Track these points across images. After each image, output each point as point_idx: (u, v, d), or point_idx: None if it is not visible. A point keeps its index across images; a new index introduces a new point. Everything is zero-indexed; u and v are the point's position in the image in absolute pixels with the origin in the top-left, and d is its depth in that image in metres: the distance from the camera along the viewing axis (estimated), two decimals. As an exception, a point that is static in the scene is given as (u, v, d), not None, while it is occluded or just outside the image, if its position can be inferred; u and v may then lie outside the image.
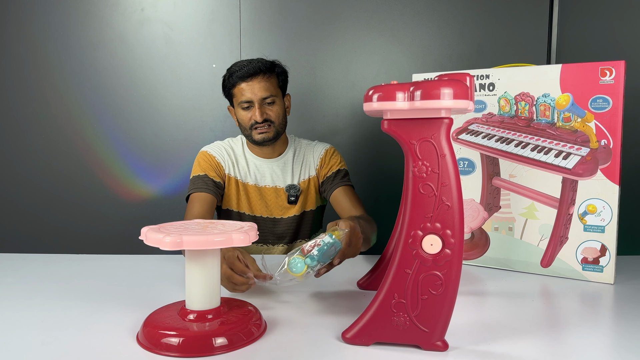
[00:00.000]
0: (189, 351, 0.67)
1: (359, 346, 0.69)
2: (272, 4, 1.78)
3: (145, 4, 1.80)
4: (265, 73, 1.32)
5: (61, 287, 0.97)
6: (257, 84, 1.30)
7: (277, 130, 1.35)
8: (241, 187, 1.40)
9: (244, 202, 1.40)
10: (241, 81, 1.31)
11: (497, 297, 0.93)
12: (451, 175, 0.65)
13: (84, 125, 1.84)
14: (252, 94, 1.30)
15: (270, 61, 1.35)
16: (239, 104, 1.33)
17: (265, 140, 1.34)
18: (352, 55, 1.79)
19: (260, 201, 1.40)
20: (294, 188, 1.39)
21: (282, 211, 1.40)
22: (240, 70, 1.30)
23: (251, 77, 1.30)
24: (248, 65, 1.31)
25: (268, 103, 1.33)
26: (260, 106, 1.31)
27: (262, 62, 1.33)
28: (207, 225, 0.78)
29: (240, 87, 1.31)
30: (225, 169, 1.39)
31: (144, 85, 1.82)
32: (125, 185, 1.85)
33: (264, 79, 1.31)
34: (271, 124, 1.33)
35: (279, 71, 1.37)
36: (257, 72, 1.30)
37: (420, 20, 1.76)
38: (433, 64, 1.77)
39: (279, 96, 1.36)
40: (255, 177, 1.40)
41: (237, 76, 1.31)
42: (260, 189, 1.40)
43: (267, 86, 1.32)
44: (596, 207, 1.02)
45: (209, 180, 1.34)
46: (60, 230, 1.86)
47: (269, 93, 1.32)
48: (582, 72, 1.01)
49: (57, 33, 1.80)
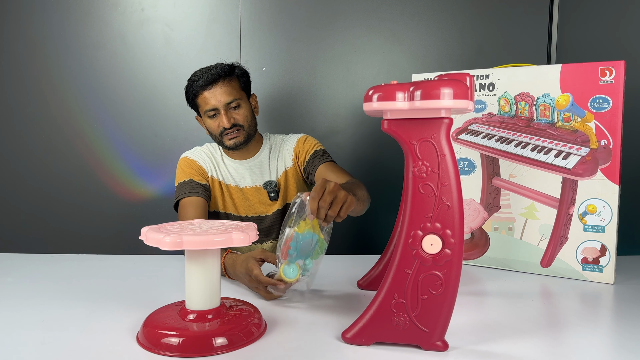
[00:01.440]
0: (189, 351, 0.67)
1: (359, 346, 0.69)
2: (272, 4, 1.78)
3: (145, 4, 1.80)
4: (225, 78, 1.31)
5: (61, 287, 0.97)
6: (219, 90, 1.29)
7: (247, 133, 1.34)
8: (224, 188, 1.40)
9: (229, 203, 1.40)
10: (203, 90, 1.30)
11: (497, 297, 0.93)
12: (451, 175, 0.65)
13: (84, 125, 1.84)
14: (216, 101, 1.29)
15: (228, 65, 1.34)
16: (205, 113, 1.32)
17: (237, 145, 1.34)
18: (352, 55, 1.79)
19: (244, 201, 1.40)
20: (270, 184, 1.40)
21: (265, 208, 1.41)
22: (200, 79, 1.30)
23: (212, 84, 1.29)
24: (207, 73, 1.30)
25: (233, 107, 1.32)
26: (226, 112, 1.30)
27: (220, 67, 1.32)
28: (207, 225, 0.78)
29: (203, 96, 1.31)
30: (208, 172, 1.39)
31: (144, 85, 1.82)
32: (125, 185, 1.85)
33: (225, 83, 1.30)
34: (240, 127, 1.32)
35: (238, 73, 1.35)
36: (217, 78, 1.29)
37: (420, 20, 1.76)
38: (433, 64, 1.76)
39: (243, 98, 1.34)
40: (235, 179, 1.40)
41: (198, 85, 1.30)
42: (242, 190, 1.40)
43: (230, 90, 1.30)
44: (596, 207, 1.02)
45: (196, 184, 1.33)
46: (60, 230, 1.86)
47: (232, 97, 1.30)
48: (582, 72, 1.01)
49: (57, 33, 1.80)
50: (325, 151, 1.41)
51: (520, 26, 1.73)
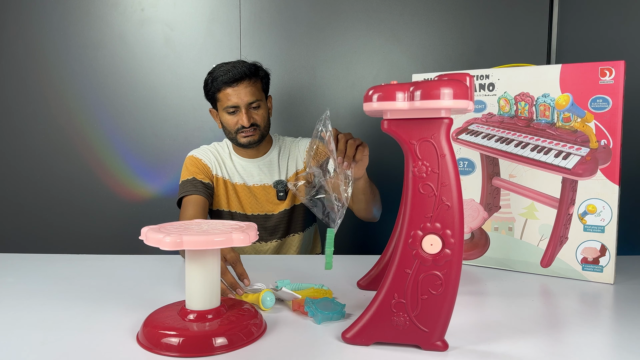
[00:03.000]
0: (189, 351, 0.67)
1: (359, 346, 0.69)
2: (272, 4, 1.78)
3: (145, 4, 1.80)
4: (251, 78, 1.32)
5: (61, 287, 0.97)
6: (244, 89, 1.30)
7: (262, 133, 1.36)
8: (230, 187, 1.41)
9: (235, 201, 1.41)
10: (226, 86, 1.31)
11: (497, 297, 0.93)
12: (451, 175, 0.65)
13: (84, 125, 1.84)
14: (239, 99, 1.30)
15: (252, 64, 1.35)
16: (225, 109, 1.33)
17: (251, 143, 1.36)
18: (352, 55, 1.79)
19: (250, 199, 1.41)
20: (281, 183, 1.41)
21: (272, 207, 1.41)
22: (225, 75, 1.30)
23: (237, 82, 1.30)
24: (233, 70, 1.30)
25: (254, 107, 1.33)
26: (247, 111, 1.32)
27: (246, 66, 1.32)
28: (207, 225, 0.78)
29: (226, 92, 1.31)
30: (213, 170, 1.40)
31: (144, 85, 1.82)
32: (125, 185, 1.85)
33: (250, 83, 1.32)
34: (257, 127, 1.34)
35: (262, 75, 1.37)
36: (243, 77, 1.30)
37: (420, 20, 1.76)
38: (433, 64, 1.77)
39: (263, 100, 1.36)
40: (243, 177, 1.41)
41: (222, 81, 1.30)
42: (249, 187, 1.41)
43: (253, 91, 1.32)
44: (596, 207, 1.02)
45: (198, 182, 1.35)
46: (60, 230, 1.86)
47: (255, 97, 1.32)
48: (582, 72, 1.01)
49: (57, 33, 1.80)
50: None
51: (520, 26, 1.73)
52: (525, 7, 1.72)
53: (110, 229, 1.85)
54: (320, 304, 0.80)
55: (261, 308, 0.83)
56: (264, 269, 1.09)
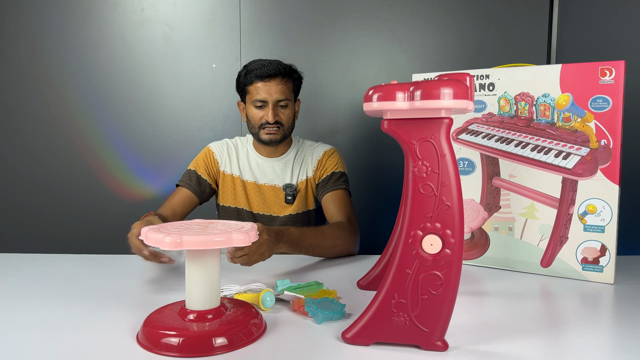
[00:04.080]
0: (189, 351, 0.67)
1: (359, 346, 0.69)
2: (272, 4, 1.78)
3: (145, 4, 1.80)
4: (284, 76, 1.33)
5: (61, 287, 0.97)
6: (275, 86, 1.32)
7: (284, 133, 1.37)
8: (239, 183, 1.41)
9: (242, 198, 1.41)
10: (259, 80, 1.32)
11: (497, 297, 0.93)
12: (451, 175, 0.65)
13: (84, 125, 1.84)
14: (268, 95, 1.32)
15: (288, 65, 1.36)
16: (253, 102, 1.34)
17: (272, 141, 1.36)
18: (352, 55, 1.79)
19: (259, 198, 1.41)
20: (290, 187, 1.40)
21: (279, 209, 1.41)
22: (260, 69, 1.31)
23: (270, 78, 1.31)
24: (268, 66, 1.32)
25: (281, 106, 1.34)
26: (274, 107, 1.33)
27: (281, 64, 1.34)
28: (207, 225, 0.78)
29: (257, 86, 1.32)
30: (221, 166, 1.42)
31: (144, 85, 1.82)
32: (125, 185, 1.85)
33: (282, 82, 1.33)
34: (281, 126, 1.35)
35: (295, 76, 1.39)
36: (277, 74, 1.32)
37: (420, 20, 1.76)
38: (433, 64, 1.77)
39: (292, 100, 1.37)
40: (255, 175, 1.42)
41: (256, 75, 1.32)
42: (259, 186, 1.41)
43: (284, 89, 1.33)
44: (596, 207, 1.02)
45: (195, 177, 1.38)
46: (60, 230, 1.86)
47: (285, 96, 1.33)
48: (582, 72, 1.01)
49: (57, 33, 1.80)
50: (342, 174, 1.41)
51: (520, 26, 1.73)
52: (525, 7, 1.72)
53: (110, 229, 1.85)
54: (320, 304, 0.80)
55: (261, 308, 0.83)
56: (264, 269, 1.09)
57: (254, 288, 0.90)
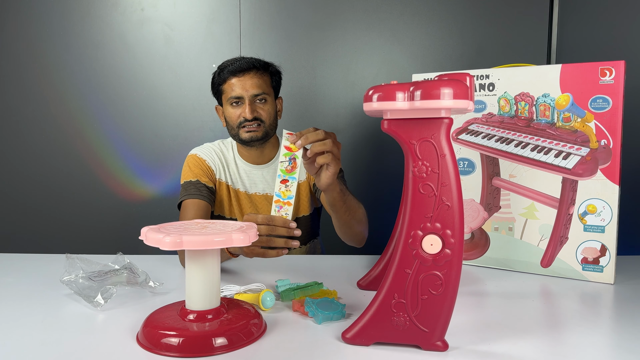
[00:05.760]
0: (188, 351, 0.67)
1: (359, 346, 0.69)
2: (272, 4, 1.78)
3: (145, 4, 1.80)
4: (259, 70, 1.27)
5: (61, 287, 0.97)
6: (249, 80, 1.25)
7: (266, 130, 1.28)
8: (232, 193, 1.35)
9: (236, 208, 1.36)
10: (232, 76, 1.25)
11: (497, 297, 0.93)
12: (451, 175, 0.65)
13: (84, 125, 1.84)
14: (243, 90, 1.24)
15: (264, 60, 1.31)
16: (228, 100, 1.27)
17: (253, 140, 1.28)
18: (352, 55, 1.79)
19: (251, 208, 1.36)
20: None
21: None
22: (232, 65, 1.25)
23: (243, 72, 1.25)
24: (241, 60, 1.26)
25: (259, 100, 1.26)
26: (251, 103, 1.25)
27: (255, 58, 1.28)
28: (207, 225, 0.78)
29: (231, 83, 1.25)
30: (217, 174, 1.34)
31: (144, 85, 1.82)
32: (125, 185, 1.85)
33: (257, 75, 1.26)
34: (261, 123, 1.27)
35: (272, 70, 1.32)
36: (250, 67, 1.25)
37: (420, 20, 1.76)
38: (433, 64, 1.77)
39: (271, 95, 1.30)
40: (245, 184, 1.36)
41: (229, 71, 1.25)
42: (250, 196, 1.36)
43: (260, 83, 1.26)
44: (596, 207, 1.02)
45: (202, 186, 1.28)
46: (60, 230, 1.86)
47: (261, 90, 1.26)
48: (582, 72, 1.01)
49: (57, 33, 1.80)
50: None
51: (520, 26, 1.73)
52: (525, 7, 1.72)
53: (110, 229, 1.85)
54: (320, 304, 0.80)
55: (261, 308, 0.83)
56: (264, 269, 1.09)
57: (254, 288, 0.90)
